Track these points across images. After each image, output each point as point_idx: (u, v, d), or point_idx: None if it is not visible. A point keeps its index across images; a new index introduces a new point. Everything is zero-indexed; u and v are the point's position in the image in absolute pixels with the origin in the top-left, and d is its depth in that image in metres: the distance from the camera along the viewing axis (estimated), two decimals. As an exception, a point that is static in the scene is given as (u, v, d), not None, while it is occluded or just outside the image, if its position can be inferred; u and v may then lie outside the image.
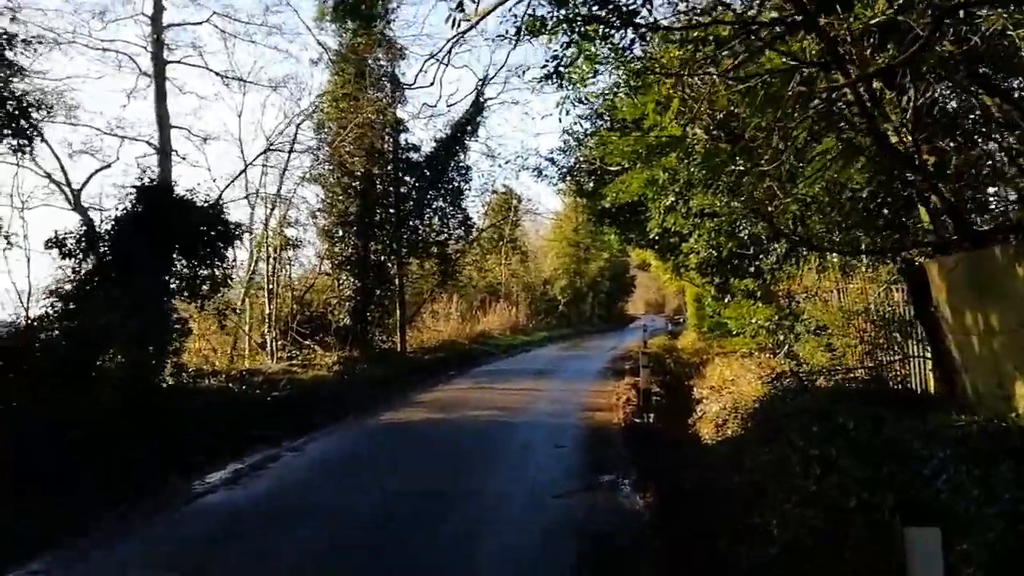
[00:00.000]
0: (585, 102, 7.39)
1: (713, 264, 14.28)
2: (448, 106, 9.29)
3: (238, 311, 12.87)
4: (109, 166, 20.19)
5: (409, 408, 10.57)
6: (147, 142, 19.11)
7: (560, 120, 7.87)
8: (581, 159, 15.35)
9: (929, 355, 6.73)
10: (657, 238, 13.25)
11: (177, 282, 10.01)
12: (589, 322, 41.27)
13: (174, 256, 9.86)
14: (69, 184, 19.16)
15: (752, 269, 13.12)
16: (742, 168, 6.97)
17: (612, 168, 12.67)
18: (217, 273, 10.36)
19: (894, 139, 5.55)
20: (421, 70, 11.91)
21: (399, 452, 7.78)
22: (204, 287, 10.24)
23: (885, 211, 6.07)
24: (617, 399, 11.22)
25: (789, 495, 5.15)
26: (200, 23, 20.55)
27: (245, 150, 23.47)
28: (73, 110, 18.76)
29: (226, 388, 10.13)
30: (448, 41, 10.35)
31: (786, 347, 11.63)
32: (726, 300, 15.99)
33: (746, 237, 8.89)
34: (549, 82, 6.28)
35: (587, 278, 40.38)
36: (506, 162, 23.79)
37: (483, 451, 7.65)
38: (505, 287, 33.17)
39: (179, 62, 19.63)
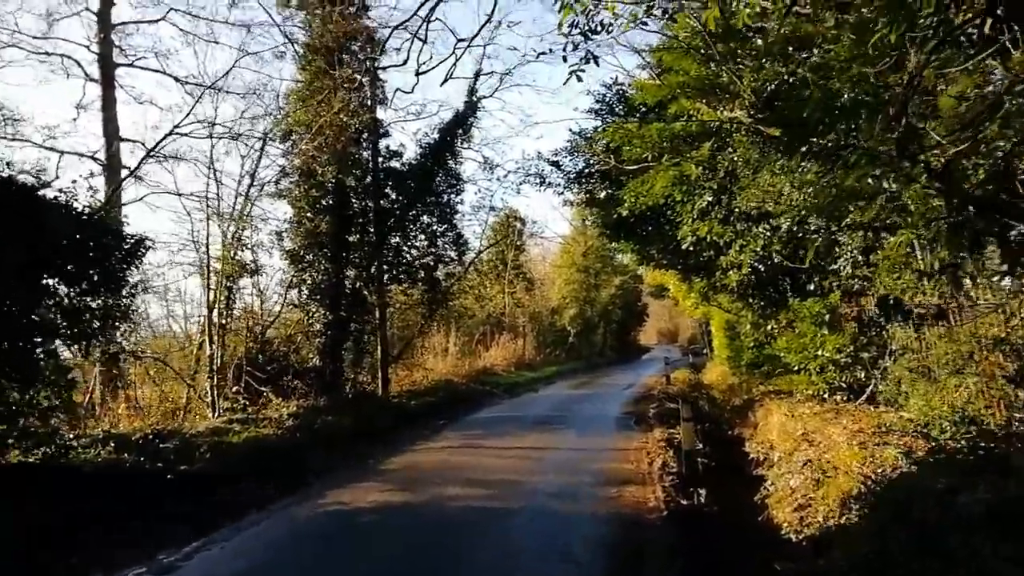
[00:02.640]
0: (596, 33, 4.79)
1: (756, 283, 11.55)
2: (417, 75, 6.73)
3: (140, 354, 10.13)
4: (48, 184, 17.86)
5: (366, 483, 7.68)
6: (91, 157, 16.75)
7: (564, 59, 5.31)
8: (592, 160, 12.74)
9: None
10: (691, 250, 10.51)
11: (54, 316, 7.40)
12: (601, 354, 38.38)
13: (45, 280, 7.28)
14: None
15: (812, 287, 10.38)
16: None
17: (629, 168, 10.11)
18: (111, 303, 7.78)
19: None
20: (386, 42, 9.23)
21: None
22: (94, 323, 7.68)
23: None
24: (649, 462, 8.38)
25: None
26: (156, 20, 18.41)
27: (216, 166, 21.25)
28: (15, 123, 16.55)
29: (118, 461, 7.40)
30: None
31: (871, 388, 8.83)
32: (770, 327, 13.23)
33: (840, 228, 6.18)
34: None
35: (598, 306, 37.55)
36: (505, 175, 21.14)
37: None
38: (509, 317, 30.38)
39: (131, 64, 17.50)
